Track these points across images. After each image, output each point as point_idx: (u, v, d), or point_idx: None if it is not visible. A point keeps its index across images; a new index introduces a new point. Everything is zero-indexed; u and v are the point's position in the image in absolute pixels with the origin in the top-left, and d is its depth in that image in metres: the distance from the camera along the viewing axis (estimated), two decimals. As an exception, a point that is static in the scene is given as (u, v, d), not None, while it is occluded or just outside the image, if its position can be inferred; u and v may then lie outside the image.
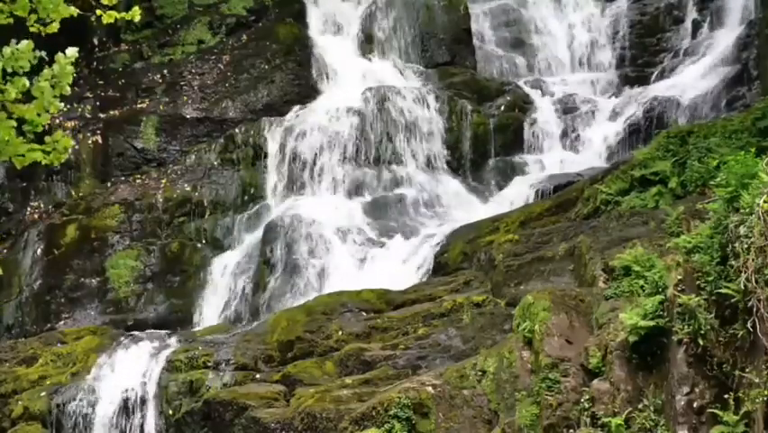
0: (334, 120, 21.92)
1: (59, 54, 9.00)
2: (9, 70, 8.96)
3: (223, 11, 24.63)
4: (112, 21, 9.62)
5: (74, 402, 15.68)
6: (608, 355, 12.19)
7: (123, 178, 22.00)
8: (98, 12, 9.59)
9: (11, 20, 9.22)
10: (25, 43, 8.93)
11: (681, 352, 11.21)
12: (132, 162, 22.25)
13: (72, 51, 9.04)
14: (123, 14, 9.70)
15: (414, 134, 21.97)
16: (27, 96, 9.18)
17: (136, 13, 9.76)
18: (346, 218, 20.39)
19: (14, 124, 9.12)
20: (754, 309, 10.45)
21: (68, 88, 9.17)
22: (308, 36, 24.07)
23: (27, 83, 8.99)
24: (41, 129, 9.27)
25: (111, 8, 9.61)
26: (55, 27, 9.19)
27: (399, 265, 18.79)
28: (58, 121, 21.09)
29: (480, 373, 13.46)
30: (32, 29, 9.23)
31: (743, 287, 10.59)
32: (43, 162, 9.45)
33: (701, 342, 11.05)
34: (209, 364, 15.68)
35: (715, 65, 22.09)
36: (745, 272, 10.55)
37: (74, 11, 9.25)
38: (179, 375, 15.64)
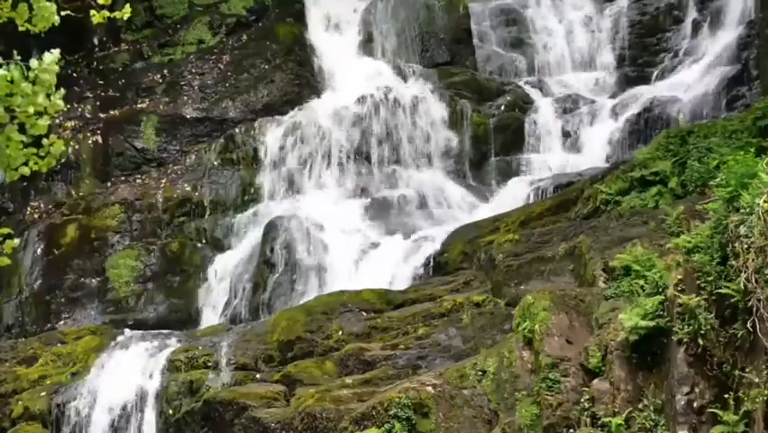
0: (334, 120, 21.92)
1: (46, 54, 8.99)
2: (31, 85, 8.91)
3: (223, 11, 24.63)
4: (102, 20, 9.58)
5: (74, 402, 15.67)
6: (608, 355, 12.18)
7: (123, 178, 22.00)
8: (92, 12, 9.57)
9: None
10: (50, 57, 8.90)
11: (681, 352, 11.20)
12: (132, 162, 22.25)
13: (55, 54, 9.00)
14: (116, 13, 9.69)
15: (414, 134, 21.98)
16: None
17: (127, 12, 9.73)
18: (346, 218, 20.39)
19: (24, 138, 9.16)
20: (754, 309, 10.43)
21: (52, 86, 9.11)
22: (308, 36, 24.07)
23: (28, 88, 8.98)
24: (44, 131, 9.27)
25: (104, 8, 9.57)
26: (43, 26, 9.16)
27: (399, 265, 18.78)
28: (58, 121, 21.08)
29: (480, 373, 13.45)
30: (21, 29, 9.23)
31: (743, 287, 10.58)
32: (34, 169, 9.46)
33: (701, 342, 11.04)
34: (209, 364, 15.66)
35: (715, 65, 22.07)
36: (745, 272, 10.54)
37: (56, 20, 9.22)
38: (179, 375, 15.63)
